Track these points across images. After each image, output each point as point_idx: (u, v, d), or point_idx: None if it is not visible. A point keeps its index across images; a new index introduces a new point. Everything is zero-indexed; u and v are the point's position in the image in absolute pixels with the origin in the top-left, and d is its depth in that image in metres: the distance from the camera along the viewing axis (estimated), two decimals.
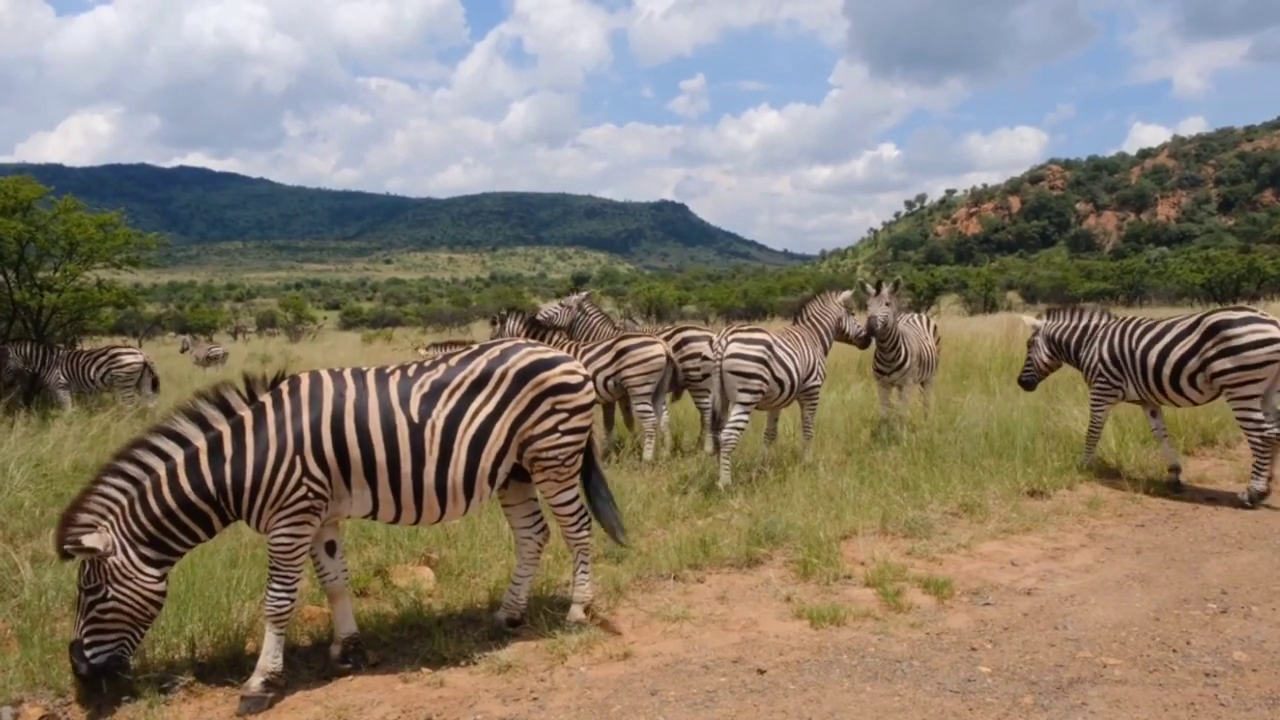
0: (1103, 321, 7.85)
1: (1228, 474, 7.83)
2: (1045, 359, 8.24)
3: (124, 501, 3.95)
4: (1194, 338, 6.99)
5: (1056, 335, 8.10)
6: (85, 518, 3.92)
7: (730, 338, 7.61)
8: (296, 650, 4.48)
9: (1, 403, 11.02)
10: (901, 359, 9.02)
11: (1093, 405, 7.77)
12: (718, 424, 7.60)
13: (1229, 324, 6.81)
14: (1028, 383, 8.52)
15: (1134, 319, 7.71)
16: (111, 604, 3.92)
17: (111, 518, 3.94)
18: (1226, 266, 33.24)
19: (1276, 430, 6.76)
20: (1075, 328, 7.95)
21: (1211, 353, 6.83)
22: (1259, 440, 6.78)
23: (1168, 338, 7.16)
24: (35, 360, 12.56)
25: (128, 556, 3.91)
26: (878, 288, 8.61)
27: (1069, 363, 8.09)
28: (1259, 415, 6.76)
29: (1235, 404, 6.86)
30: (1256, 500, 6.78)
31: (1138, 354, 7.30)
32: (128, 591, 3.91)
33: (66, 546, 3.85)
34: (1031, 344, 8.39)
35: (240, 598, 4.85)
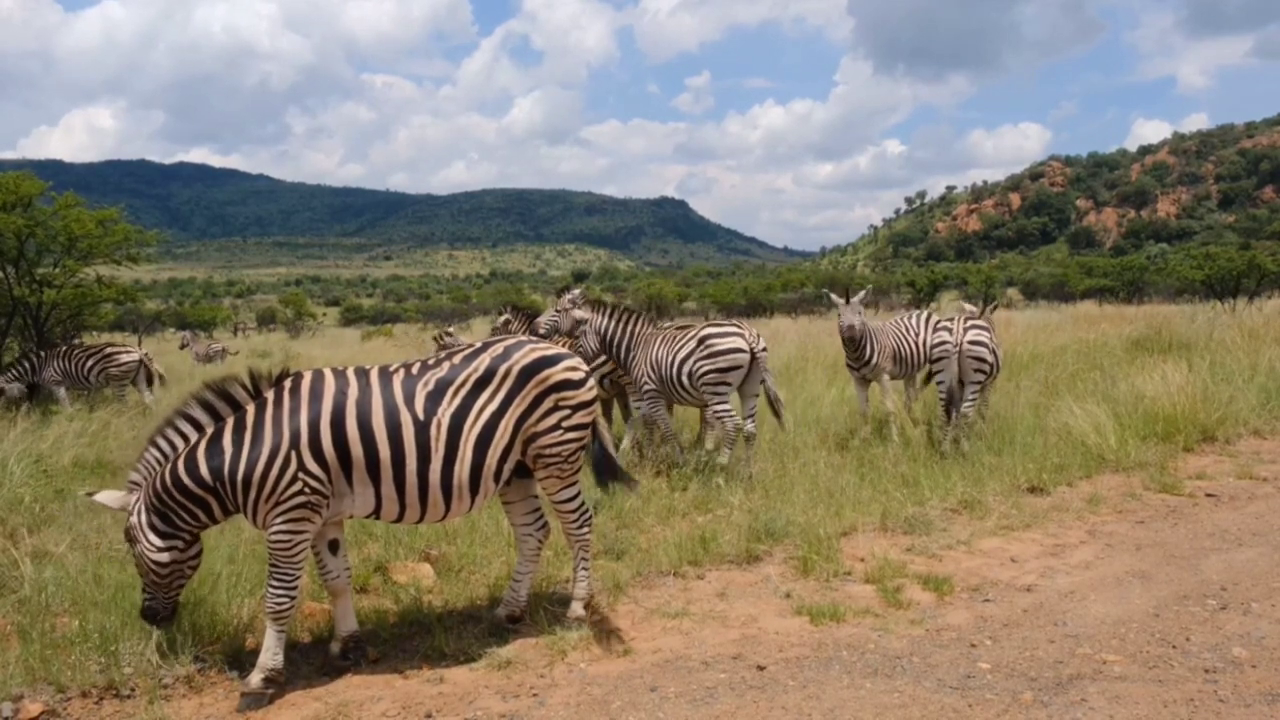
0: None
1: (1227, 470, 7.82)
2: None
3: (157, 469, 4.14)
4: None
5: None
6: (134, 475, 4.20)
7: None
8: (297, 647, 4.49)
9: (1, 400, 11.03)
10: (868, 355, 9.16)
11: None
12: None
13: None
14: None
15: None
16: (135, 559, 4.22)
17: (146, 482, 4.16)
18: (1227, 263, 33.15)
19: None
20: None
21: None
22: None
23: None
24: (28, 374, 12.51)
25: (140, 520, 4.13)
26: (846, 296, 8.85)
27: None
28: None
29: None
30: None
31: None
32: (139, 551, 4.15)
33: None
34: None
35: (240, 594, 4.85)
